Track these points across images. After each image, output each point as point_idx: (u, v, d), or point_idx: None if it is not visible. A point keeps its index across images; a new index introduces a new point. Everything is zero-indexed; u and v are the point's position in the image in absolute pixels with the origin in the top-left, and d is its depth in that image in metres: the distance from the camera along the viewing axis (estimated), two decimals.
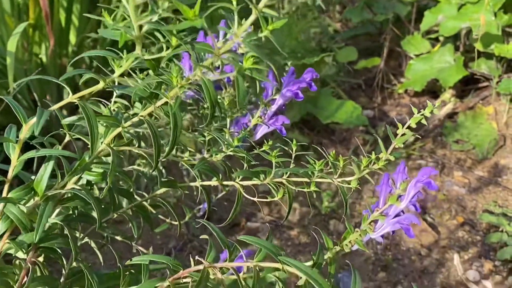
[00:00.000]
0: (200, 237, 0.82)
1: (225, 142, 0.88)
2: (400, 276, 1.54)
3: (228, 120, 0.93)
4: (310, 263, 0.83)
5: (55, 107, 0.68)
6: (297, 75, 0.94)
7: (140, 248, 1.06)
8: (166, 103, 0.72)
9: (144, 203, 1.05)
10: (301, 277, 0.73)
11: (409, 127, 0.83)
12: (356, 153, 2.09)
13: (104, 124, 0.77)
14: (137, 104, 0.89)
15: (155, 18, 0.58)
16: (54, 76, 1.87)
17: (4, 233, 0.74)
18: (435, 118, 2.27)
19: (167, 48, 0.63)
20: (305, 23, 2.06)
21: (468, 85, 2.35)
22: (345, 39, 2.68)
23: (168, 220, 1.14)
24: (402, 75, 2.57)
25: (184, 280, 0.78)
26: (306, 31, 2.09)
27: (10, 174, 0.73)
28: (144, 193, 1.00)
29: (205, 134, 0.93)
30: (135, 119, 0.75)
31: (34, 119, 0.68)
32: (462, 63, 2.18)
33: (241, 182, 0.92)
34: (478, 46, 2.23)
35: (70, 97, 0.68)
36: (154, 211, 1.09)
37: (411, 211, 0.74)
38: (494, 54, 2.19)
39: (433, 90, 2.40)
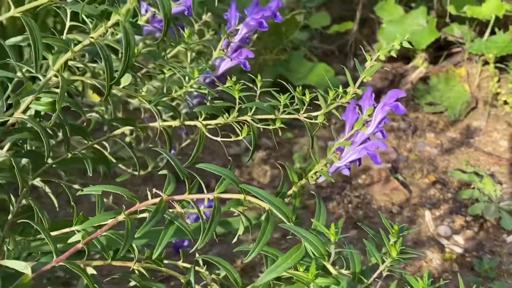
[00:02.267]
0: (159, 172, 0.78)
1: (186, 77, 0.83)
2: (372, 233, 1.52)
3: (189, 53, 0.89)
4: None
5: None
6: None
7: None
8: (116, 23, 0.67)
9: (104, 152, 1.01)
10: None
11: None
12: (329, 119, 2.06)
13: (54, 51, 0.72)
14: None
15: None
16: None
17: None
18: (407, 81, 2.25)
19: None
20: None
21: (441, 51, 2.34)
22: (319, 5, 2.64)
23: (129, 170, 1.10)
24: (376, 41, 2.54)
25: (141, 215, 0.74)
26: None
27: None
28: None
29: (165, 70, 0.88)
30: (86, 41, 0.70)
31: None
32: (435, 25, 2.16)
33: (204, 122, 0.88)
34: (451, 8, 2.21)
35: (12, 11, 0.63)
36: (114, 161, 1.05)
37: (378, 138, 0.71)
38: (467, 18, 2.17)
39: (406, 56, 2.38)
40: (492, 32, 2.11)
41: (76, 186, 1.01)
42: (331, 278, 0.67)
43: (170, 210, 0.72)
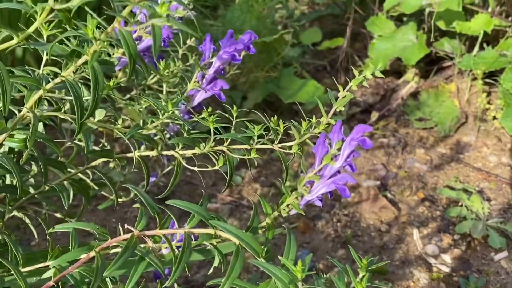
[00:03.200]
0: (133, 206, 0.79)
1: (161, 109, 0.84)
2: (359, 253, 1.53)
3: (165, 85, 0.90)
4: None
5: None
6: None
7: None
8: (86, 62, 0.68)
9: (86, 179, 1.01)
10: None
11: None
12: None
13: (24, 86, 0.73)
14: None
15: None
16: None
17: None
18: (398, 96, 2.26)
19: None
20: (267, 1, 2.03)
21: (432, 65, 2.35)
22: (311, 21, 2.65)
23: (112, 197, 1.10)
24: (367, 56, 2.55)
25: (113, 250, 0.74)
26: (270, 13, 2.05)
27: None
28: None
29: (142, 101, 0.89)
30: (57, 80, 0.71)
31: None
32: (425, 41, 2.17)
33: (180, 152, 0.89)
34: (440, 24, 2.22)
35: None
36: (96, 188, 1.05)
37: (347, 172, 0.72)
38: (456, 33, 2.18)
39: (397, 71, 2.39)
40: (482, 47, 2.12)
41: (58, 215, 1.02)
42: None
43: (142, 245, 0.72)
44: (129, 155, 0.90)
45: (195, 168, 0.90)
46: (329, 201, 1.73)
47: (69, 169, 0.91)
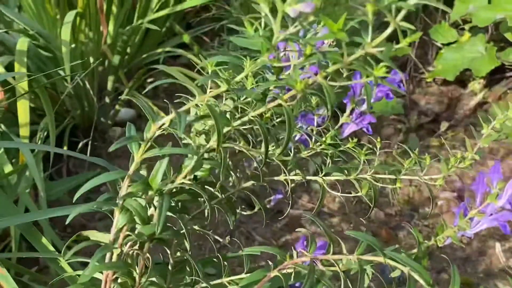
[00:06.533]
0: (297, 230, 0.87)
1: (314, 139, 0.92)
2: (443, 264, 1.59)
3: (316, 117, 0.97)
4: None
5: (185, 108, 0.72)
6: None
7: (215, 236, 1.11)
8: (278, 105, 0.75)
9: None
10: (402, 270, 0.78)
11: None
12: (388, 142, 2.13)
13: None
14: (228, 104, 0.91)
15: (293, 30, 0.62)
16: (96, 62, 1.88)
17: (123, 226, 0.78)
18: (465, 107, 2.31)
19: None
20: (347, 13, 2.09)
21: (496, 74, 2.39)
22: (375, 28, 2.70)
23: (238, 210, 1.18)
24: (429, 63, 2.60)
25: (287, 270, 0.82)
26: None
27: (131, 170, 0.76)
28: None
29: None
30: (245, 118, 0.79)
31: (163, 120, 0.72)
32: (495, 53, 2.21)
33: (325, 178, 0.97)
34: (509, 36, 2.26)
35: (197, 99, 0.72)
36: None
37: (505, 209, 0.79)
38: None
39: (460, 80, 2.44)
40: None
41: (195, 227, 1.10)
42: None
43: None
44: (276, 178, 0.98)
45: (339, 194, 0.97)
46: (408, 211, 1.79)
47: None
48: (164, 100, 0.97)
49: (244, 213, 1.23)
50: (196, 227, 1.11)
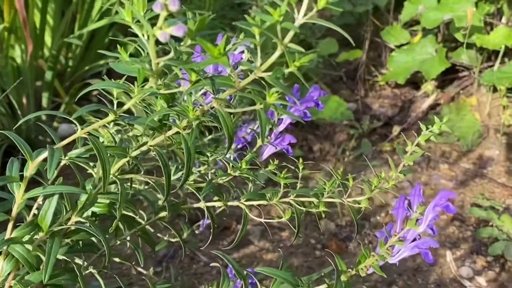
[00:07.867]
0: (211, 264, 0.80)
1: (231, 164, 0.85)
2: (394, 276, 1.55)
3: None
4: (324, 286, 0.82)
5: (62, 143, 0.64)
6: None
7: (140, 269, 1.04)
8: (176, 132, 0.69)
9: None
10: None
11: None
12: (342, 148, 2.08)
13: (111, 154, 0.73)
14: (139, 128, 0.85)
15: (173, 55, 0.55)
16: (30, 78, 1.79)
17: (9, 274, 0.70)
18: (417, 110, 2.28)
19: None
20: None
21: (448, 75, 2.36)
22: (324, 30, 2.66)
23: (166, 238, 1.12)
24: (382, 65, 2.57)
25: None
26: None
27: (14, 212, 0.69)
28: (143, 213, 0.97)
29: (208, 154, 0.90)
30: (144, 148, 0.72)
31: (41, 157, 0.64)
32: (445, 54, 2.19)
33: (246, 203, 0.90)
34: (459, 36, 2.23)
35: (79, 132, 0.65)
36: (152, 230, 1.07)
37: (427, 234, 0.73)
38: (474, 44, 2.20)
39: (414, 81, 2.41)
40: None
41: (116, 259, 1.03)
42: None
43: None
44: (195, 205, 0.92)
45: (262, 220, 0.91)
46: (360, 220, 1.74)
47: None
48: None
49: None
50: (116, 259, 1.04)
